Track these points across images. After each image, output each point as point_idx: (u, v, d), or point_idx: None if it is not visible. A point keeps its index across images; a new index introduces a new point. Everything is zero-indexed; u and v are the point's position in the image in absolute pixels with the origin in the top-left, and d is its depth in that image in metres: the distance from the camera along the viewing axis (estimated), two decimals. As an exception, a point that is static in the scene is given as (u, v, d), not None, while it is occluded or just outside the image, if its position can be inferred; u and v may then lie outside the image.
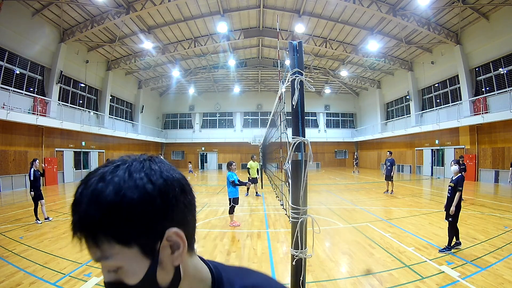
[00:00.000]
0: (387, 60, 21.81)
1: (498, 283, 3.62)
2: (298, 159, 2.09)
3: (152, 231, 0.52)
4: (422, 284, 3.66)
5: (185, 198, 0.57)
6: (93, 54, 20.03)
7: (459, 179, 4.88)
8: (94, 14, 16.16)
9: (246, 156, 31.81)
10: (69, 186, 15.63)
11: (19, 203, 9.93)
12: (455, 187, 4.85)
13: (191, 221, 0.60)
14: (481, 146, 15.73)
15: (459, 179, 4.87)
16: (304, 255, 2.07)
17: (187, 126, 33.32)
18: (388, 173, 11.53)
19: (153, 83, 27.88)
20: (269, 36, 20.84)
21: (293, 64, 2.15)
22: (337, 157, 33.52)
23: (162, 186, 0.53)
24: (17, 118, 13.12)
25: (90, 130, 18.86)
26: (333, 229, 6.54)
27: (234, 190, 6.91)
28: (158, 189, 0.53)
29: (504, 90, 14.44)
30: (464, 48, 16.84)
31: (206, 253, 4.91)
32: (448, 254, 4.66)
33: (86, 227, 0.50)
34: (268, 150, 14.54)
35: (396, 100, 25.67)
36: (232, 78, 28.99)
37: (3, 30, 13.37)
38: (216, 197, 11.27)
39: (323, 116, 33.21)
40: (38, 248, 5.09)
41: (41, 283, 3.72)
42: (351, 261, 4.55)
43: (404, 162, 23.57)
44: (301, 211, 2.07)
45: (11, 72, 14.24)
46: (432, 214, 7.82)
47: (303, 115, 2.11)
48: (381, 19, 17.37)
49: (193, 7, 17.34)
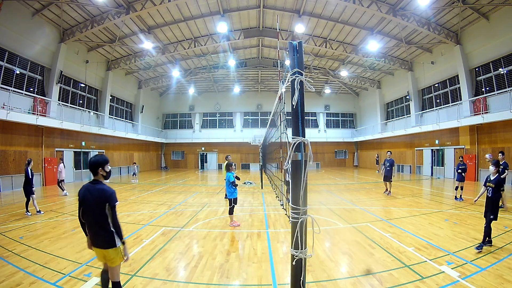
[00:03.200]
0: (387, 60, 21.81)
1: (498, 283, 3.62)
2: (298, 159, 2.09)
3: None
4: (422, 284, 3.66)
5: None
6: (93, 54, 20.03)
7: (499, 180, 5.00)
8: (94, 14, 16.17)
9: (246, 156, 31.87)
10: (69, 186, 15.61)
11: (19, 203, 9.91)
12: (498, 188, 4.96)
13: None
14: (481, 146, 15.74)
15: (500, 180, 5.00)
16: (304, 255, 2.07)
17: (187, 126, 33.33)
18: (387, 174, 11.45)
19: (153, 83, 27.88)
20: (269, 36, 20.84)
21: (293, 64, 2.15)
22: (337, 157, 33.53)
23: None
24: (17, 118, 13.13)
25: (90, 130, 18.87)
26: (333, 229, 6.54)
27: (233, 190, 6.92)
28: None
29: (504, 90, 14.44)
30: (464, 48, 16.84)
31: (206, 253, 4.92)
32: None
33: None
34: (268, 150, 14.54)
35: (396, 100, 25.68)
36: (232, 78, 29.00)
37: (3, 30, 13.37)
38: (216, 197, 11.27)
39: (323, 116, 33.22)
40: (38, 248, 5.09)
41: (41, 283, 3.72)
42: (351, 261, 4.55)
43: (404, 162, 23.57)
44: (301, 211, 2.07)
45: (11, 72, 14.24)
46: (432, 214, 7.82)
47: (303, 115, 2.12)
48: (381, 19, 17.37)
49: (193, 7, 17.34)
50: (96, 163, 2.88)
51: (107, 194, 2.81)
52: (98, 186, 2.85)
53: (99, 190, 2.82)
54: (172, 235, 6.03)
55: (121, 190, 13.86)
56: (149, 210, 8.89)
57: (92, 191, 2.83)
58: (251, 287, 3.77)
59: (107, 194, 2.81)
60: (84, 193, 2.86)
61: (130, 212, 8.55)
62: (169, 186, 15.96)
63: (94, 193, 2.82)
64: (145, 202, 10.27)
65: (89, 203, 2.82)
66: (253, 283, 3.85)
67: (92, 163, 2.89)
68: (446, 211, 8.18)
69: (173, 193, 12.78)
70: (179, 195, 12.25)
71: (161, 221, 7.33)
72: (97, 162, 2.89)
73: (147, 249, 5.10)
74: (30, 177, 8.03)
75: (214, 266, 4.36)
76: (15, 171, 13.77)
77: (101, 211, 2.79)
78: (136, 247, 5.23)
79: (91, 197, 2.82)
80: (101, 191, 2.82)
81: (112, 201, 2.82)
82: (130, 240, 5.68)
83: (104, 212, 2.80)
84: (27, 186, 8.01)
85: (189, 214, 8.20)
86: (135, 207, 9.42)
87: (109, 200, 2.80)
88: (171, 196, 11.80)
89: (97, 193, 2.82)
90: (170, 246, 5.35)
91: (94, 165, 2.88)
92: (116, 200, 2.87)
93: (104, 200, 2.79)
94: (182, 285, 3.77)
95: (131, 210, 8.88)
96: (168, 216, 7.89)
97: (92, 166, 2.89)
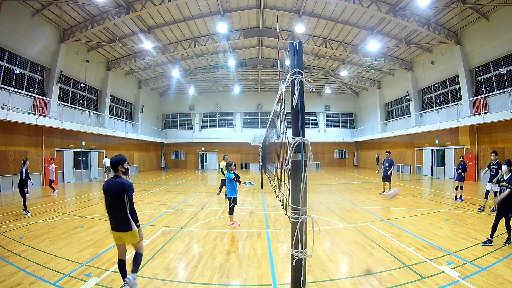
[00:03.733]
0: (387, 60, 21.81)
1: (498, 283, 3.62)
2: (298, 159, 2.09)
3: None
4: (422, 284, 3.66)
5: None
6: (93, 54, 20.03)
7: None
8: (94, 14, 16.17)
9: (246, 156, 31.87)
10: (69, 186, 15.63)
11: (19, 203, 9.90)
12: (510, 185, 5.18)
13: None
14: (481, 146, 15.73)
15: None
16: (304, 255, 2.07)
17: (187, 126, 33.33)
18: (386, 174, 11.42)
19: (153, 83, 27.88)
20: (269, 36, 20.84)
21: (293, 64, 2.15)
22: (337, 157, 33.52)
23: None
24: (17, 118, 13.13)
25: (90, 130, 18.86)
26: (333, 229, 6.54)
27: (233, 189, 6.91)
28: None
29: (504, 90, 14.44)
30: (464, 48, 16.84)
31: (206, 253, 4.92)
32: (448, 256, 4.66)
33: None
34: (268, 150, 14.53)
35: (396, 100, 25.67)
36: (232, 78, 29.00)
37: (3, 30, 13.37)
38: (216, 197, 11.26)
39: (323, 116, 33.22)
40: (38, 248, 5.09)
41: (41, 283, 3.72)
42: (351, 261, 4.55)
43: (404, 162, 23.57)
44: (301, 211, 2.07)
45: (11, 72, 14.24)
46: (432, 214, 7.82)
47: (303, 115, 2.11)
48: (381, 19, 17.37)
49: (193, 7, 17.34)
50: (116, 162, 3.51)
51: (126, 186, 3.42)
52: (117, 180, 3.46)
53: (119, 183, 3.43)
54: (172, 235, 6.03)
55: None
56: (149, 210, 8.89)
57: (112, 184, 3.44)
58: (251, 287, 3.77)
59: (126, 186, 3.42)
60: (107, 186, 3.47)
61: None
62: (169, 186, 15.96)
63: (114, 186, 3.43)
64: (145, 202, 10.27)
65: (110, 194, 3.44)
66: (253, 283, 3.85)
67: (114, 161, 3.52)
68: (446, 211, 8.19)
69: (173, 193, 12.78)
70: (179, 195, 12.25)
71: (161, 221, 7.33)
72: (118, 161, 3.51)
73: (147, 249, 5.10)
74: (23, 177, 8.18)
75: (214, 266, 4.36)
76: (15, 171, 13.74)
77: (120, 201, 3.40)
78: (136, 247, 5.23)
79: (112, 189, 3.43)
80: (120, 184, 3.42)
81: (129, 191, 3.43)
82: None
83: (123, 201, 3.40)
84: (21, 186, 8.18)
85: (189, 214, 8.20)
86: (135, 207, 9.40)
87: (127, 191, 3.41)
88: (171, 196, 11.80)
89: (117, 185, 3.42)
90: (170, 246, 5.35)
91: (115, 163, 3.50)
92: (133, 191, 3.48)
93: (122, 191, 3.40)
94: (182, 285, 3.77)
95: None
96: (168, 216, 7.89)
97: (114, 164, 3.51)
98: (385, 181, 11.51)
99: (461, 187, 9.77)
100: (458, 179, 9.75)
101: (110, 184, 3.47)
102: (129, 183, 3.46)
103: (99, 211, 8.64)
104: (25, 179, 8.20)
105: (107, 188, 3.46)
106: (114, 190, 3.42)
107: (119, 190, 3.40)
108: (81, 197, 11.64)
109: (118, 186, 3.41)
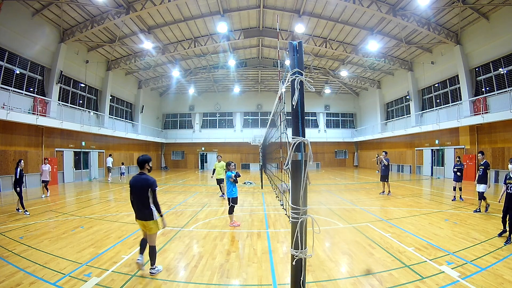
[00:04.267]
0: (387, 60, 21.81)
1: (498, 283, 3.62)
2: (298, 159, 2.09)
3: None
4: (422, 284, 3.66)
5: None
6: (93, 54, 20.03)
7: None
8: (94, 14, 16.17)
9: (246, 156, 31.88)
10: (69, 186, 15.63)
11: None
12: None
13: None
14: (481, 146, 15.73)
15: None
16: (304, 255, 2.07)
17: (187, 126, 33.34)
18: (383, 173, 11.43)
19: (153, 83, 27.88)
20: (269, 36, 20.84)
21: (293, 64, 2.15)
22: (337, 157, 33.53)
23: None
24: (17, 118, 13.12)
25: (90, 130, 18.86)
26: (333, 229, 6.54)
27: (232, 190, 6.90)
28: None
29: (504, 90, 14.44)
30: (464, 48, 16.84)
31: (206, 253, 4.92)
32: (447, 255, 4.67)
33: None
34: (268, 150, 14.53)
35: (396, 100, 25.67)
36: (232, 78, 29.00)
37: (3, 30, 13.37)
38: (216, 197, 11.25)
39: (323, 116, 33.22)
40: (38, 248, 5.09)
41: (41, 283, 3.72)
42: (351, 261, 4.55)
43: (404, 162, 23.57)
44: (301, 211, 2.07)
45: (11, 72, 14.24)
46: (432, 214, 7.82)
47: (303, 115, 2.12)
48: (381, 19, 17.37)
49: (193, 7, 17.34)
50: (143, 160, 4.06)
51: (150, 182, 3.94)
52: (143, 176, 3.99)
53: (144, 179, 3.96)
54: (172, 235, 6.03)
55: (121, 190, 13.87)
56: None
57: (138, 180, 3.98)
58: (251, 287, 3.77)
59: (150, 182, 3.94)
60: (133, 181, 4.01)
61: (130, 212, 8.50)
62: (169, 186, 15.97)
63: (140, 181, 3.97)
64: (145, 202, 10.24)
65: (136, 188, 3.97)
66: (253, 283, 3.85)
67: (141, 160, 4.07)
68: (446, 211, 8.19)
69: (173, 193, 12.78)
70: (179, 195, 12.25)
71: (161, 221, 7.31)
72: (144, 159, 4.07)
73: (147, 249, 5.09)
74: (17, 177, 8.39)
75: (214, 266, 4.36)
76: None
77: (144, 194, 3.93)
78: (136, 247, 5.22)
79: (137, 184, 3.96)
80: (145, 180, 3.95)
81: (153, 186, 3.94)
82: (130, 240, 5.69)
83: (147, 195, 3.94)
84: (16, 186, 8.39)
85: (189, 214, 8.20)
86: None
87: (151, 186, 3.93)
88: (171, 196, 11.80)
89: (143, 181, 3.95)
90: (170, 246, 5.35)
91: (142, 161, 4.05)
92: (156, 186, 4.00)
93: (146, 186, 3.92)
94: (182, 285, 3.77)
95: (131, 210, 8.84)
96: (168, 216, 7.88)
97: (141, 162, 4.06)
98: (383, 181, 11.50)
99: (459, 188, 9.77)
100: (455, 179, 9.74)
101: (136, 179, 4.00)
102: (153, 179, 3.97)
103: (99, 211, 8.64)
104: (19, 179, 8.37)
105: (134, 183, 3.98)
106: (139, 184, 3.94)
107: (144, 185, 3.91)
108: (81, 197, 11.64)
109: (144, 181, 3.93)
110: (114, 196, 12.30)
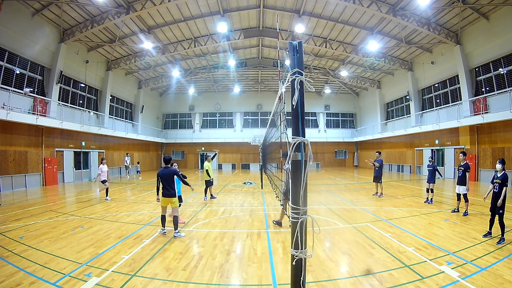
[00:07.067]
0: (387, 60, 21.81)
1: (498, 283, 3.62)
2: (298, 159, 2.09)
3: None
4: (422, 284, 3.66)
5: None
6: (93, 54, 20.03)
7: (505, 175, 5.45)
8: (94, 14, 16.17)
9: (246, 156, 31.89)
10: (69, 186, 15.62)
11: (19, 203, 9.93)
12: (503, 183, 5.37)
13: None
14: (481, 146, 15.74)
15: (505, 175, 5.45)
16: (304, 255, 2.07)
17: (187, 126, 33.33)
18: (376, 174, 11.15)
19: (153, 83, 27.87)
20: (269, 36, 20.84)
21: (293, 64, 2.15)
22: (337, 157, 33.52)
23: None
24: (17, 118, 13.12)
25: (90, 130, 18.86)
26: (333, 229, 6.54)
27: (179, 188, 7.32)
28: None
29: (504, 90, 14.44)
30: (464, 48, 16.84)
31: (206, 253, 4.92)
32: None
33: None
34: (268, 150, 14.53)
35: (396, 100, 25.67)
36: (232, 78, 29.00)
37: (3, 30, 13.37)
38: (216, 197, 11.26)
39: (323, 116, 33.22)
40: (38, 248, 5.09)
41: (41, 283, 3.71)
42: (351, 261, 4.55)
43: (404, 162, 23.57)
44: (301, 211, 2.07)
45: (11, 72, 14.24)
46: (432, 214, 7.82)
47: (303, 115, 2.12)
48: (381, 19, 17.37)
49: (193, 7, 17.34)
50: (170, 159, 6.23)
51: (175, 170, 6.12)
52: (169, 168, 6.06)
53: (170, 170, 6.02)
54: (172, 235, 6.03)
55: (121, 190, 13.87)
56: (149, 210, 8.89)
57: (166, 171, 5.99)
58: (251, 287, 3.77)
59: (175, 170, 6.12)
60: (161, 173, 5.96)
61: (130, 212, 8.55)
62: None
63: (167, 172, 5.98)
64: (145, 202, 10.27)
65: (165, 175, 5.94)
66: (253, 283, 3.85)
67: (169, 158, 6.20)
68: (446, 211, 8.19)
69: (173, 193, 12.75)
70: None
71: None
72: (171, 158, 6.25)
73: (147, 249, 5.10)
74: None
75: (214, 266, 4.36)
76: (15, 171, 13.78)
77: (171, 179, 5.97)
78: (136, 247, 5.23)
79: (166, 173, 5.95)
80: (172, 170, 6.04)
81: (177, 172, 6.16)
82: (130, 240, 5.69)
83: (173, 179, 5.98)
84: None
85: (189, 214, 8.21)
86: (135, 207, 9.42)
87: (176, 173, 6.09)
88: (171, 196, 11.76)
89: (169, 171, 5.99)
90: (170, 246, 5.35)
91: (170, 159, 6.20)
92: (179, 172, 6.41)
93: (173, 173, 6.01)
94: (182, 285, 3.77)
95: (131, 210, 8.88)
96: (168, 216, 7.88)
97: (168, 161, 6.15)
98: (375, 182, 11.24)
99: (431, 189, 9.59)
100: (428, 180, 9.80)
101: (164, 171, 5.96)
102: (176, 169, 6.21)
103: (99, 211, 8.65)
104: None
105: (163, 172, 5.94)
106: (167, 172, 5.95)
107: (171, 172, 5.98)
108: (81, 197, 11.64)
109: (170, 171, 5.98)
110: (114, 196, 12.29)
